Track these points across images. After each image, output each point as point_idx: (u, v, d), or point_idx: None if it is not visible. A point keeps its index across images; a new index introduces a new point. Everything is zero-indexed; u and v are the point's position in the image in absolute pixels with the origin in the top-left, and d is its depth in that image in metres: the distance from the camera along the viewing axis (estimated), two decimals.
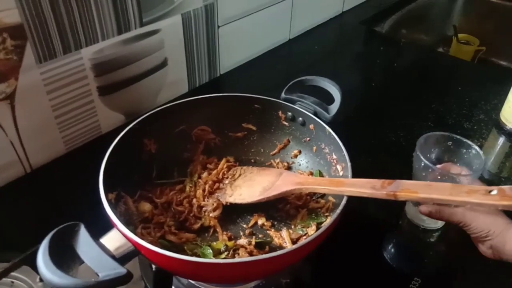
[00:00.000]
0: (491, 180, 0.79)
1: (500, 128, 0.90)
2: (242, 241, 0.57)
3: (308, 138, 0.68)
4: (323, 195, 0.64)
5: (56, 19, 0.67)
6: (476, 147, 0.61)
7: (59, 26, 0.68)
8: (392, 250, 0.66)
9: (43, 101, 0.71)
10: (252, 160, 0.72)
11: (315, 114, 0.65)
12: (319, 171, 0.66)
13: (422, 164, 0.58)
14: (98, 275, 0.41)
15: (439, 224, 0.68)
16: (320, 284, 0.61)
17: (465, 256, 0.64)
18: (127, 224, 0.46)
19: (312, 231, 0.57)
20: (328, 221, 0.49)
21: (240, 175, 0.65)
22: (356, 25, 1.34)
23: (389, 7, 1.44)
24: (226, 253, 0.55)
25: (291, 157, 0.71)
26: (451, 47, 1.50)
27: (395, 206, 0.70)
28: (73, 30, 0.70)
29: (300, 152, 0.70)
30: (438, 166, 0.60)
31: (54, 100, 0.73)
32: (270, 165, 0.71)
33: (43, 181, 0.74)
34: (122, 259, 0.44)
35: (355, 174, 0.55)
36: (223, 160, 0.69)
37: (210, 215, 0.60)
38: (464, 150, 0.62)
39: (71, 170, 0.75)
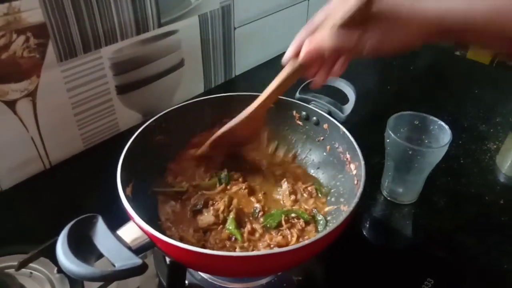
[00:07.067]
0: (507, 183, 0.78)
1: None
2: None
3: (322, 138, 0.68)
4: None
5: (78, 19, 0.69)
6: (442, 122, 0.67)
7: (80, 25, 0.70)
8: (371, 226, 0.70)
9: (63, 98, 0.73)
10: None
11: (329, 113, 0.66)
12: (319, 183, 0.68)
13: (393, 140, 0.65)
14: (114, 265, 0.43)
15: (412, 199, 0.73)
16: (332, 282, 0.61)
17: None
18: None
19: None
20: (341, 218, 0.49)
21: None
22: None
23: None
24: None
25: (303, 158, 0.71)
26: (468, 50, 1.48)
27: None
28: (93, 30, 0.72)
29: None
30: None
31: (74, 97, 0.75)
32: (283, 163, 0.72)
33: (62, 177, 0.76)
34: (138, 251, 0.45)
35: (369, 174, 0.55)
36: None
37: None
38: (431, 127, 0.68)
39: (89, 167, 0.77)
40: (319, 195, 0.65)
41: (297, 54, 0.51)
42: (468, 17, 0.45)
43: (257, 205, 0.62)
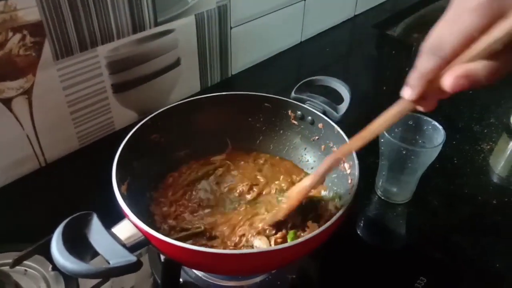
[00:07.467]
0: (501, 184, 0.79)
1: (511, 132, 0.89)
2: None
3: (316, 137, 0.69)
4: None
5: (74, 18, 0.69)
6: (436, 123, 0.67)
7: (77, 24, 0.70)
8: (365, 225, 0.71)
9: (59, 97, 0.73)
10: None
11: (324, 113, 0.66)
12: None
13: (387, 140, 0.66)
14: (109, 263, 0.43)
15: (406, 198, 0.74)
16: (326, 280, 0.62)
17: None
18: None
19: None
20: (335, 216, 0.50)
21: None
22: (368, 29, 1.35)
23: (401, 11, 1.44)
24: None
25: (299, 157, 0.72)
26: None
27: None
28: (89, 29, 0.72)
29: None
30: None
31: (70, 96, 0.75)
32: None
33: (57, 175, 0.76)
34: (132, 248, 0.46)
35: (363, 174, 0.55)
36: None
37: None
38: (425, 127, 0.68)
39: (84, 165, 0.77)
40: None
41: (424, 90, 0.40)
42: None
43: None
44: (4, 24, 0.62)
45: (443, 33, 0.37)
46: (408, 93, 0.40)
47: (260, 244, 0.55)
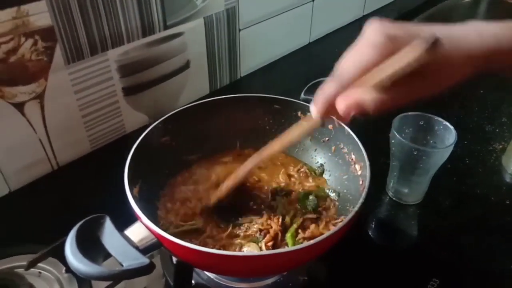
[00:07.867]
0: None
1: None
2: None
3: (327, 138, 0.69)
4: None
5: (85, 22, 0.70)
6: (447, 123, 0.67)
7: (87, 28, 0.71)
8: (376, 226, 0.71)
9: (70, 100, 0.74)
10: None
11: None
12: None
13: (398, 141, 0.65)
14: (122, 265, 0.43)
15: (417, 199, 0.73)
16: (337, 281, 0.62)
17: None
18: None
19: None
20: (346, 218, 0.50)
21: None
22: None
23: (409, 11, 1.44)
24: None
25: (309, 158, 0.72)
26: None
27: None
28: (100, 33, 0.73)
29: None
30: None
31: (81, 100, 0.76)
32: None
33: (69, 178, 0.76)
34: (145, 250, 0.46)
35: (374, 175, 0.55)
36: None
37: None
38: (436, 127, 0.68)
39: (96, 168, 0.78)
40: (314, 174, 0.66)
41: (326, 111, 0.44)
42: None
43: None
44: (16, 30, 0.63)
45: (347, 62, 0.41)
46: (313, 110, 0.45)
47: (250, 250, 0.55)
